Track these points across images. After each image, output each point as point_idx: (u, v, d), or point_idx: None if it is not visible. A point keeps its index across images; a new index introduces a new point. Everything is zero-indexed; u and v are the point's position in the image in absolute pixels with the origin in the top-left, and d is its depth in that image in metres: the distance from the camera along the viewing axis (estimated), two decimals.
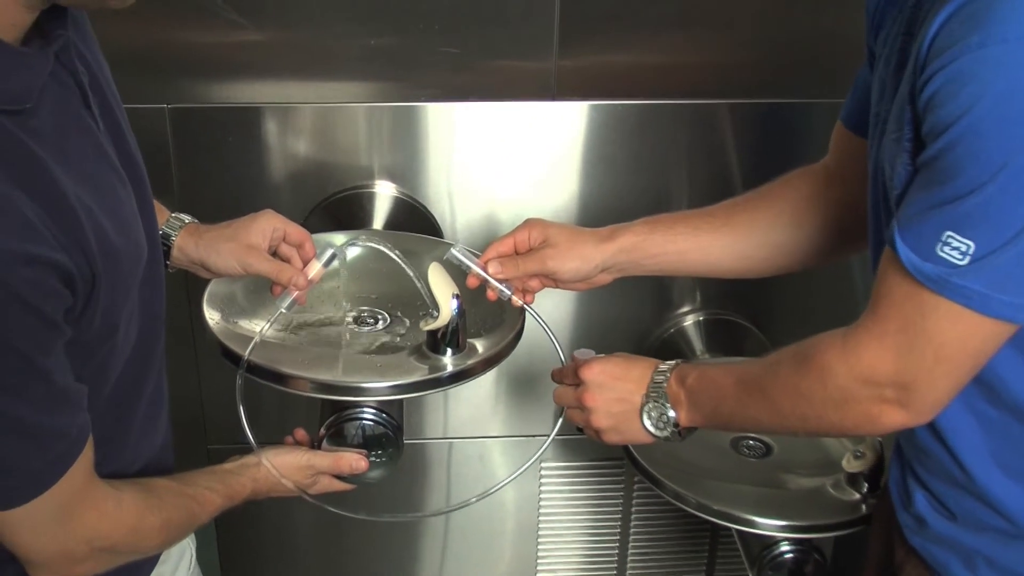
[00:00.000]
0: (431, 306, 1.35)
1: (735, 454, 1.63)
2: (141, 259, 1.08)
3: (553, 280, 1.40)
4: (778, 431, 1.26)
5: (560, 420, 1.38)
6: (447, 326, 1.35)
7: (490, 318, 1.45)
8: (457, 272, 1.38)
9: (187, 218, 1.38)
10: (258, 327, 1.35)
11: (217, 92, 1.79)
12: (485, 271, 1.37)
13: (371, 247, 1.40)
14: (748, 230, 1.40)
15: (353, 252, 1.53)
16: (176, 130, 1.78)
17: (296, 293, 1.34)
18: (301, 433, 1.40)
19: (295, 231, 1.37)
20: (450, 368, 1.35)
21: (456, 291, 1.34)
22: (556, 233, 1.39)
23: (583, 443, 2.05)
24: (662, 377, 1.27)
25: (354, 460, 1.36)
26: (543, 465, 2.12)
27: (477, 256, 1.39)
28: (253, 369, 1.31)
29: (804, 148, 1.85)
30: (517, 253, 1.40)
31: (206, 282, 1.44)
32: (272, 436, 1.38)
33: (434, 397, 2.04)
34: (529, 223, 1.41)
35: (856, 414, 1.07)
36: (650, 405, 1.27)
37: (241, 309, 1.44)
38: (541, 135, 1.85)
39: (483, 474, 2.11)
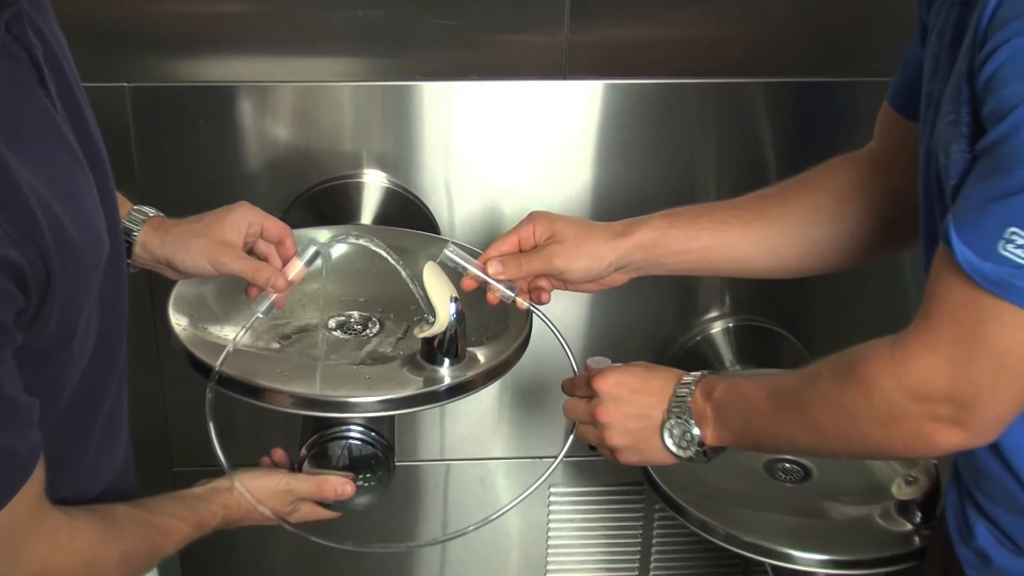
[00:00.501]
0: (426, 311, 1.35)
1: (769, 478, 1.63)
2: (102, 254, 1.08)
3: (561, 281, 1.40)
4: (817, 452, 1.26)
5: (571, 438, 1.38)
6: (444, 333, 1.34)
7: (493, 324, 1.44)
8: (455, 272, 1.38)
9: (151, 211, 1.37)
10: (231, 334, 1.35)
11: (185, 69, 1.79)
12: (483, 272, 1.36)
13: (359, 244, 1.40)
14: (781, 224, 1.39)
15: (339, 250, 1.52)
16: (138, 112, 1.78)
17: (275, 296, 1.33)
18: (279, 454, 1.40)
19: (274, 226, 1.37)
20: (448, 380, 1.35)
21: (455, 294, 1.34)
22: (564, 228, 1.39)
23: (597, 465, 2.05)
24: (686, 390, 1.27)
25: (339, 484, 1.36)
26: (552, 490, 2.11)
27: (477, 255, 1.39)
28: (225, 381, 1.31)
29: (846, 133, 1.85)
30: (521, 251, 1.40)
31: (172, 283, 1.44)
32: (246, 457, 1.38)
33: (430, 414, 2.04)
34: (534, 217, 1.41)
35: (906, 433, 1.07)
36: (672, 421, 1.27)
37: (212, 314, 1.44)
38: (550, 118, 1.85)
39: (484, 500, 2.11)
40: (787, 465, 1.64)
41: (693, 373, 1.29)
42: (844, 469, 1.62)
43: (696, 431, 1.26)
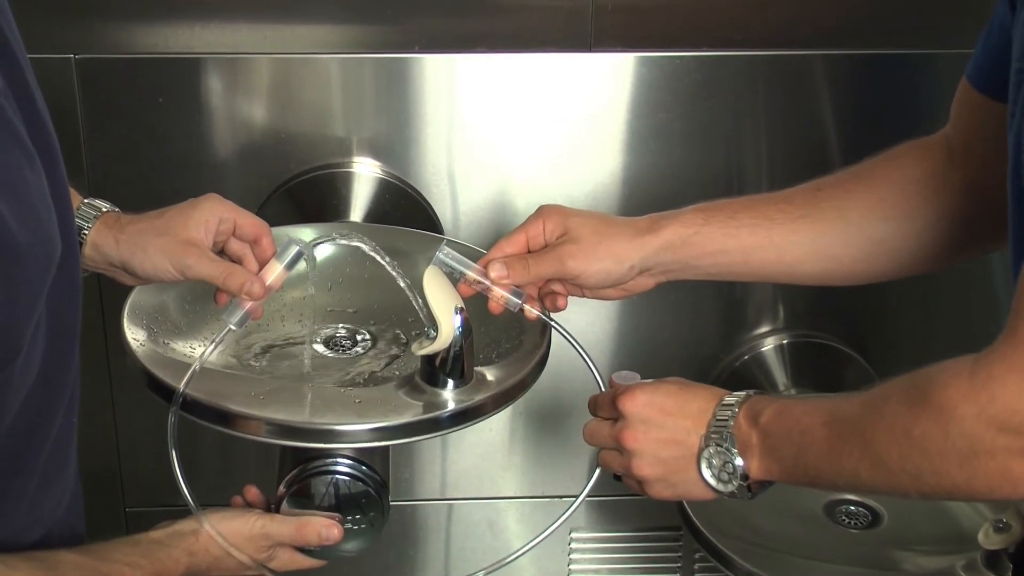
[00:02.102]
0: (427, 323, 1.36)
1: (830, 523, 1.63)
2: (52, 258, 1.08)
3: (576, 286, 1.40)
4: (883, 491, 1.25)
5: (596, 473, 1.38)
6: (448, 349, 1.34)
7: (505, 339, 1.45)
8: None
9: (104, 205, 1.38)
10: (198, 350, 1.36)
11: (142, 38, 1.80)
12: (485, 276, 1.36)
13: (348, 245, 1.40)
14: (838, 222, 1.39)
15: (324, 251, 1.53)
16: (87, 88, 1.79)
17: (250, 304, 1.34)
18: (253, 492, 1.40)
19: (248, 222, 1.37)
20: (452, 405, 1.35)
21: (460, 303, 1.34)
22: (579, 224, 1.39)
23: (626, 505, 2.05)
24: (728, 413, 1.27)
25: (324, 527, 1.36)
26: (573, 535, 2.12)
27: (480, 256, 1.39)
28: (190, 406, 1.31)
29: (920, 116, 1.85)
30: (529, 252, 1.40)
31: (128, 290, 1.45)
32: (215, 496, 1.38)
33: (430, 445, 2.04)
34: (544, 212, 1.41)
35: (990, 471, 1.07)
36: (711, 450, 1.27)
37: (174, 326, 1.44)
38: (571, 98, 1.86)
39: (493, 545, 2.11)
40: (851, 507, 1.64)
41: (737, 393, 1.29)
42: (919, 513, 1.62)
43: (739, 462, 1.25)
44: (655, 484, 1.31)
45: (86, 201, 1.37)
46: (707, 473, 1.27)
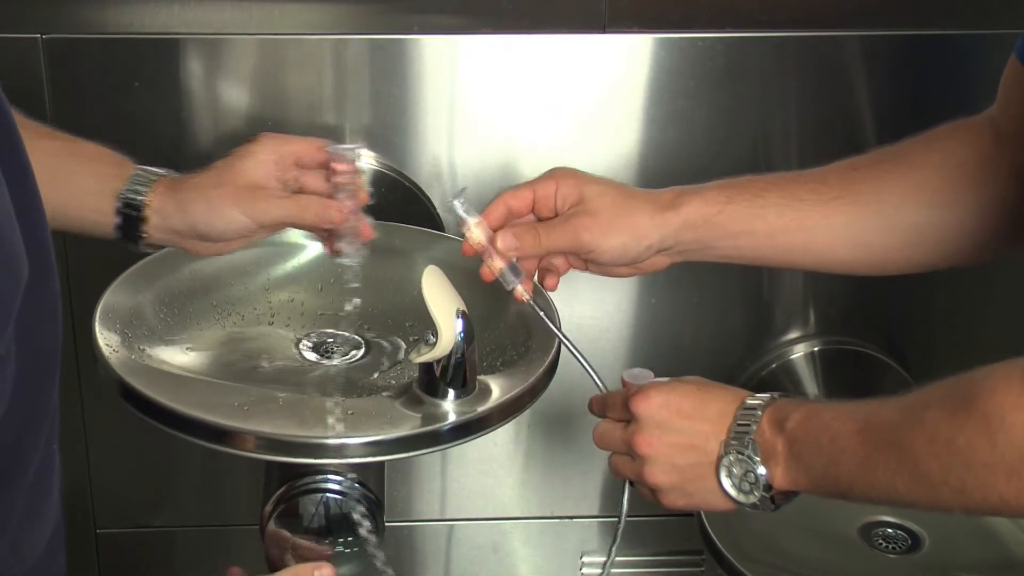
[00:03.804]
0: (426, 328, 1.35)
1: (866, 547, 1.63)
2: (18, 280, 1.07)
3: (584, 261, 1.39)
4: (923, 505, 1.24)
5: (627, 492, 1.37)
6: (448, 357, 1.34)
7: (511, 343, 1.45)
8: (464, 278, 1.38)
9: (158, 171, 1.38)
10: (176, 357, 1.35)
11: (115, 16, 1.80)
12: (491, 241, 1.35)
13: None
14: (874, 205, 1.39)
15: (314, 250, 1.53)
16: (55, 71, 1.79)
17: (351, 230, 1.35)
18: (237, 573, 1.38)
19: (309, 149, 1.38)
20: (452, 417, 1.35)
21: (462, 306, 1.34)
22: (597, 194, 1.38)
23: (642, 527, 2.05)
24: (751, 418, 1.26)
25: (315, 569, 1.34)
26: (585, 559, 2.11)
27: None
28: (167, 417, 1.31)
29: (963, 100, 1.83)
30: (537, 218, 1.39)
31: (98, 293, 1.45)
32: (198, 516, 1.38)
33: (429, 461, 2.04)
34: (558, 175, 1.40)
35: None
36: (731, 457, 1.26)
37: (150, 331, 1.44)
38: (583, 83, 1.86)
39: (498, 570, 2.11)
40: (889, 530, 1.64)
41: (761, 396, 1.28)
42: (963, 536, 1.62)
43: (762, 471, 1.25)
44: (670, 492, 1.31)
45: (138, 168, 1.37)
46: (727, 482, 1.27)
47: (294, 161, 1.37)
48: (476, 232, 1.35)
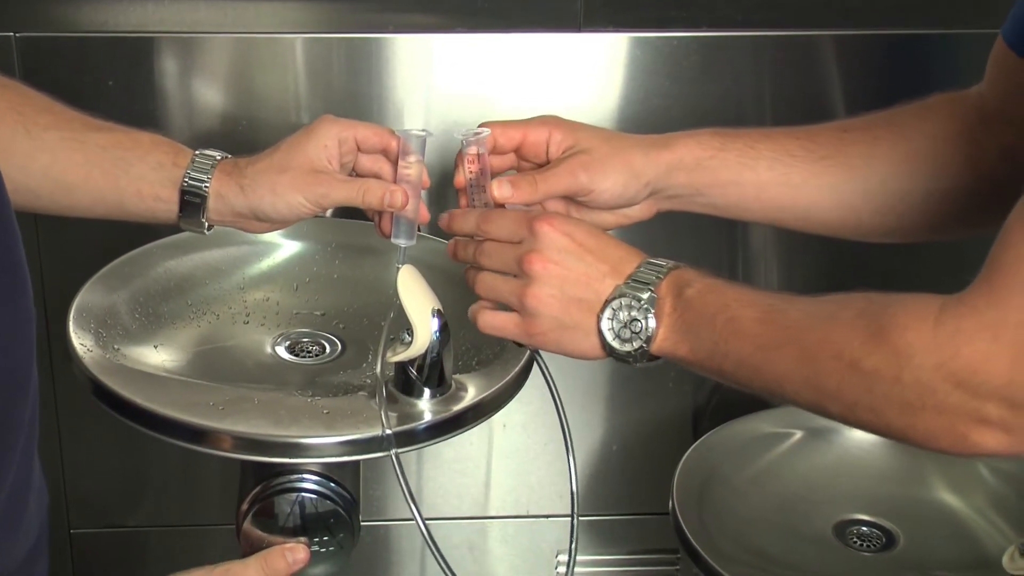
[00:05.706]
0: (401, 327, 1.36)
1: (840, 545, 1.63)
2: None
3: (578, 204, 1.38)
4: (802, 406, 1.22)
5: (575, 495, 1.37)
6: (424, 356, 1.34)
7: (486, 342, 1.44)
8: (439, 278, 1.38)
9: (218, 154, 1.39)
10: (151, 357, 1.35)
11: (89, 15, 1.79)
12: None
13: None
14: (863, 169, 1.38)
15: (291, 248, 1.53)
16: (28, 70, 1.78)
17: (409, 212, 1.35)
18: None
19: (370, 133, 1.38)
20: (428, 416, 1.35)
21: (437, 305, 1.34)
22: (589, 136, 1.37)
23: (617, 526, 2.05)
24: (654, 272, 1.24)
25: (289, 551, 1.35)
26: (560, 557, 2.11)
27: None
28: (139, 416, 1.31)
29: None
30: (520, 167, 1.39)
31: (72, 292, 1.44)
32: (170, 515, 1.38)
33: (405, 460, 2.03)
34: (550, 121, 1.39)
35: (934, 426, 1.05)
36: (621, 302, 1.24)
37: (125, 330, 1.44)
38: (560, 81, 1.86)
39: (474, 569, 2.11)
40: (864, 528, 1.64)
41: (668, 259, 1.26)
42: (938, 535, 1.62)
43: (652, 323, 1.23)
44: (543, 321, 1.28)
45: (199, 152, 1.38)
46: (606, 325, 1.25)
47: (353, 145, 1.37)
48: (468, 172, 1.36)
